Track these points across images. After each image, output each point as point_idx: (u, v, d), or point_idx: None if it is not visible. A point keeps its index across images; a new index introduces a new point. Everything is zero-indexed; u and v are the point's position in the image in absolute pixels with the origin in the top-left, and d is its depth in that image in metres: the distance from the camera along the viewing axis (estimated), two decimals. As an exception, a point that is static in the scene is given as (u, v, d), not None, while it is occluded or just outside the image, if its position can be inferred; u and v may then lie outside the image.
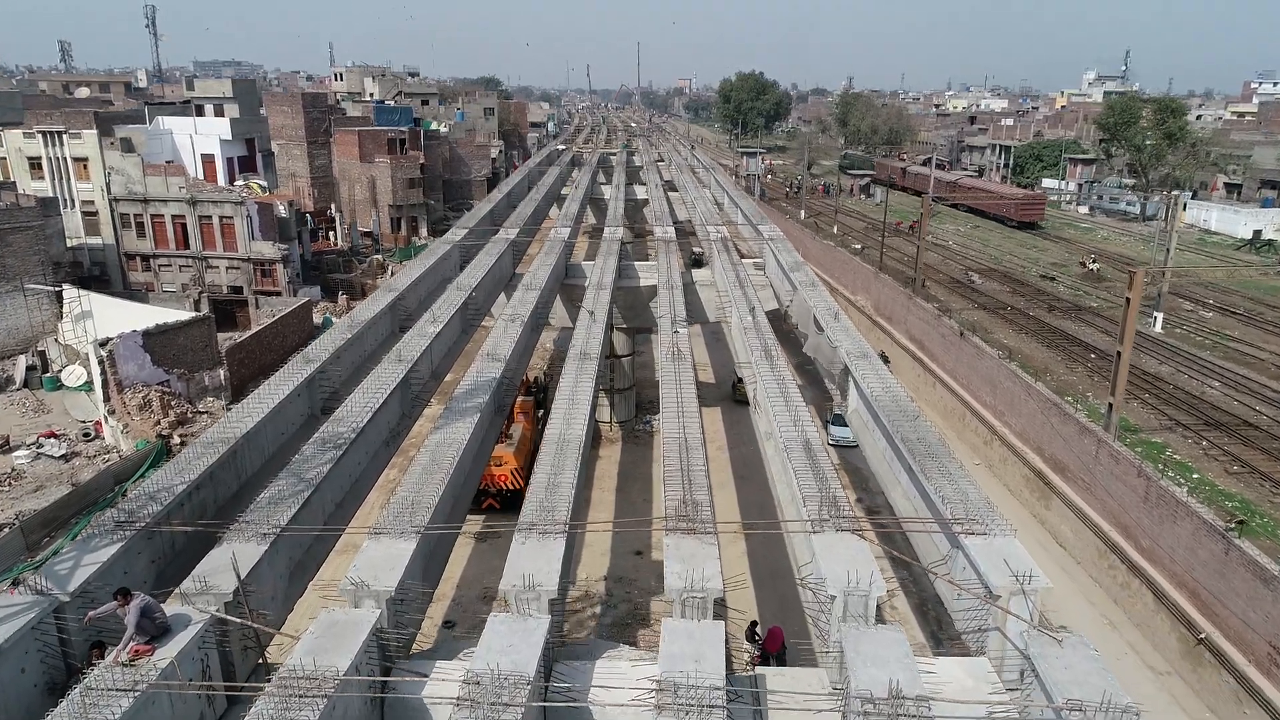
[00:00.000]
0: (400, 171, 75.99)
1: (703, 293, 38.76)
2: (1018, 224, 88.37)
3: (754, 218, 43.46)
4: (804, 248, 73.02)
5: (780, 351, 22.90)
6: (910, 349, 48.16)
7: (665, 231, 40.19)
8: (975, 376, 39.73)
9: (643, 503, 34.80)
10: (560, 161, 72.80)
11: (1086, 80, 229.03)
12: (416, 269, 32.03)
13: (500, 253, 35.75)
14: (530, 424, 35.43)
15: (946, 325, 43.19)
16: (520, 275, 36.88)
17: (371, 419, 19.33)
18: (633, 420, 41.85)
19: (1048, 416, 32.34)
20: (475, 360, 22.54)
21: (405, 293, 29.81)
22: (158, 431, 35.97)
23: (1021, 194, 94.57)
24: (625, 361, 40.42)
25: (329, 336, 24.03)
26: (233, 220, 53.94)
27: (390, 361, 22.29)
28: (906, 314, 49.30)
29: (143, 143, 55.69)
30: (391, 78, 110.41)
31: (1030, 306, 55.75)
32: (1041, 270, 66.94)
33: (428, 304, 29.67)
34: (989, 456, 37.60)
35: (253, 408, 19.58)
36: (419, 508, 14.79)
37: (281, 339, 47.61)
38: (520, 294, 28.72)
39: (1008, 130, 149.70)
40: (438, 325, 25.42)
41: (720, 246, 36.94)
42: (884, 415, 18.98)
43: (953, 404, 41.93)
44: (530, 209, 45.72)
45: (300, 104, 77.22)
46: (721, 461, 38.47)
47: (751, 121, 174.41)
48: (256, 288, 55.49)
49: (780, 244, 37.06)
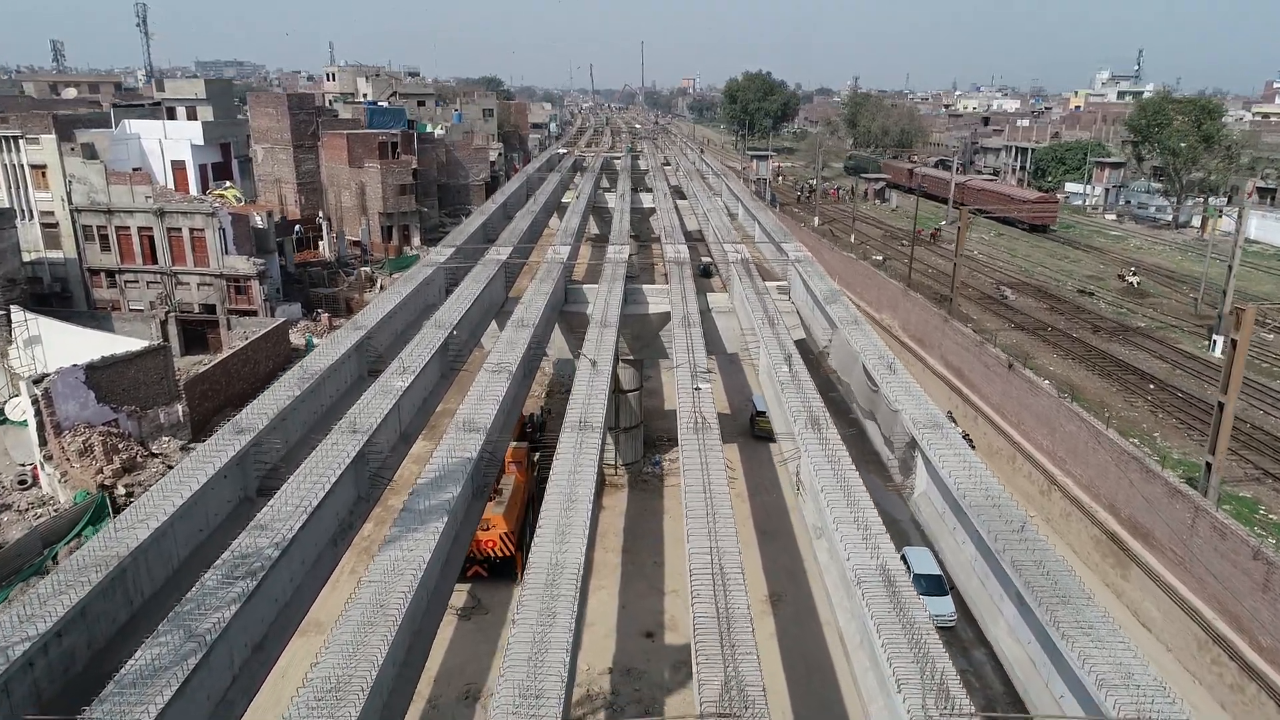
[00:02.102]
0: (391, 177, 71.50)
1: (720, 320, 34.28)
2: (1029, 227, 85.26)
3: (775, 234, 38.94)
4: (821, 259, 68.38)
5: (829, 420, 18.35)
6: (946, 376, 43.61)
7: (677, 251, 35.66)
8: (1028, 415, 35.16)
9: (653, 566, 30.29)
10: (561, 167, 68.32)
11: (1100, 80, 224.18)
12: (390, 299, 27.54)
13: (490, 277, 31.27)
14: (524, 474, 30.89)
15: (991, 354, 38.62)
16: (514, 300, 32.44)
17: (313, 514, 14.91)
18: (640, 461, 37.33)
19: (1124, 471, 27.77)
20: (449, 431, 18.02)
21: (375, 330, 25.34)
22: (100, 481, 31.51)
23: (1034, 196, 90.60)
24: (632, 397, 35.91)
25: (270, 396, 19.56)
26: (204, 233, 49.49)
27: (343, 432, 17.81)
28: (941, 337, 44.73)
29: (106, 148, 51.23)
30: (386, 78, 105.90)
31: (1072, 326, 51.16)
32: (1077, 284, 62.33)
33: (403, 341, 25.23)
34: (1047, 509, 33.03)
35: (162, 499, 15.21)
36: (346, 695, 10.30)
37: (252, 366, 43.17)
38: (509, 334, 24.21)
39: (1024, 132, 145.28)
40: (408, 376, 20.94)
41: (741, 270, 32.41)
42: (975, 517, 14.49)
43: (999, 443, 37.38)
44: (526, 223, 41.23)
45: (285, 105, 72.82)
46: (742, 513, 33.95)
47: (759, 123, 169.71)
48: (230, 306, 51.03)
49: (808, 266, 32.53)
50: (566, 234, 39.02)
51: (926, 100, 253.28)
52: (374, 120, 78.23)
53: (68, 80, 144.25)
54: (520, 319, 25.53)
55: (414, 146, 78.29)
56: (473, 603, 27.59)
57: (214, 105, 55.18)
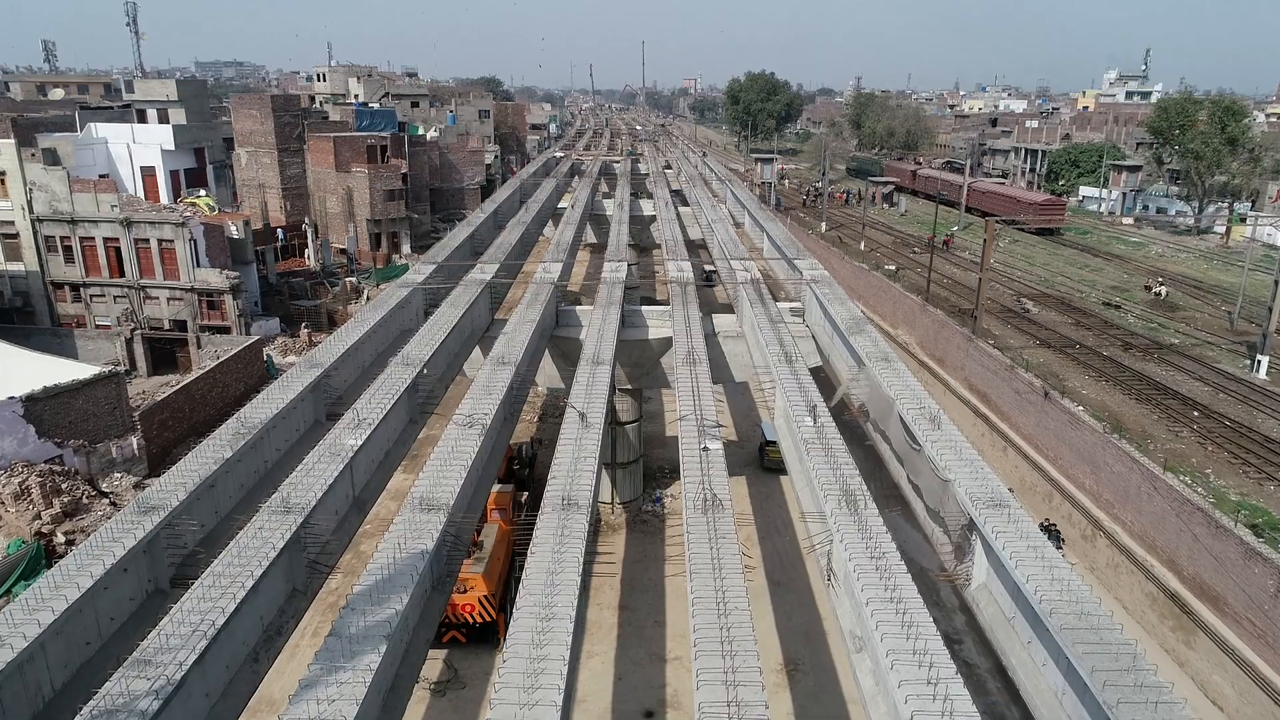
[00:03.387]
0: (379, 182, 68.28)
1: (727, 345, 31.05)
2: (1036, 230, 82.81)
3: (787, 248, 35.66)
4: (830, 267, 65.20)
5: (868, 496, 15.08)
6: (970, 400, 40.36)
7: (679, 268, 32.39)
8: (1067, 450, 31.90)
9: (654, 626, 27.04)
10: (557, 172, 65.06)
11: (1107, 80, 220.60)
12: (355, 329, 24.28)
13: (471, 301, 28.04)
14: (509, 523, 27.59)
15: (1023, 380, 35.36)
16: (500, 323, 29.22)
17: (224, 627, 11.74)
18: (640, 498, 34.09)
19: (1186, 523, 24.51)
20: (404, 509, 14.78)
21: (337, 365, 22.14)
22: (37, 529, 28.29)
23: (1041, 199, 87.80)
24: (630, 429, 32.66)
25: (194, 459, 16.31)
26: (173, 244, 46.27)
27: (273, 513, 14.57)
28: (965, 358, 41.47)
29: (70, 154, 48.01)
30: (378, 78, 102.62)
31: (1102, 344, 47.82)
32: (1101, 295, 58.99)
33: (369, 378, 22.03)
34: (1092, 558, 29.75)
35: (39, 604, 12.08)
36: None
37: (221, 389, 39.97)
38: (487, 374, 20.92)
39: (1033, 133, 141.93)
40: (363, 431, 17.70)
41: (751, 292, 29.13)
42: (1062, 636, 11.30)
43: (1033, 478, 34.12)
44: (516, 235, 37.99)
45: (269, 107, 69.63)
46: (753, 558, 30.69)
47: (761, 124, 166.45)
48: (202, 322, 47.81)
49: (826, 288, 29.27)
50: (559, 249, 35.78)
51: (931, 100, 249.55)
52: (362, 122, 75.02)
53: (55, 81, 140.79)
54: (501, 355, 22.25)
55: (404, 150, 75.11)
56: (448, 674, 24.38)
57: (187, 107, 51.88)
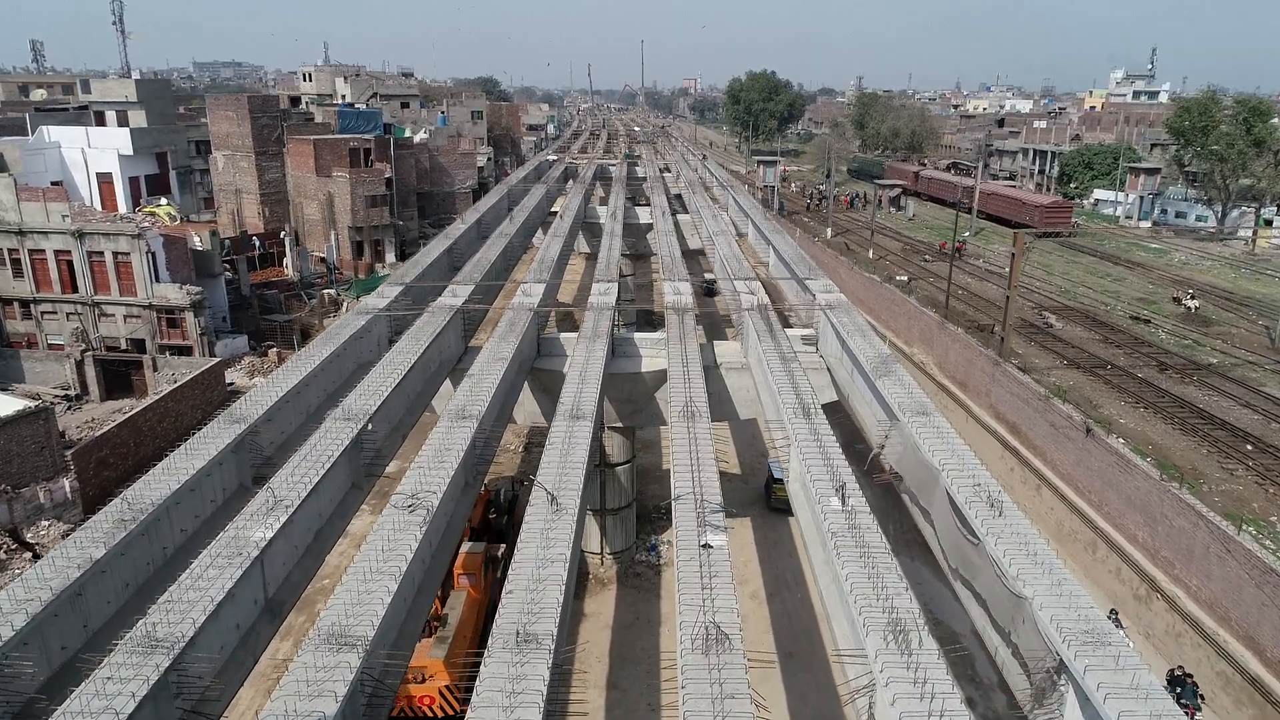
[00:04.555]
0: (361, 187, 64.67)
1: (731, 379, 27.48)
2: (1041, 234, 79.66)
3: (797, 265, 31.98)
4: (839, 279, 61.63)
5: (921, 625, 11.45)
6: (998, 431, 36.75)
7: (676, 291, 28.70)
8: (1113, 494, 28.29)
9: (647, 711, 23.41)
10: (549, 178, 61.42)
11: (1114, 80, 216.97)
12: (294, 373, 20.56)
13: (440, 330, 24.43)
14: (481, 591, 23.86)
15: (1060, 413, 31.75)
16: (476, 351, 25.58)
17: None
18: (632, 547, 30.44)
19: (1272, 597, 20.88)
20: (305, 647, 11.14)
21: (265, 420, 18.50)
22: (-60, 592, 24.65)
23: (1047, 202, 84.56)
24: (621, 471, 29.02)
25: (59, 556, 12.71)
26: (129, 257, 42.69)
27: (135, 651, 10.97)
28: (990, 383, 37.86)
29: (18, 159, 44.40)
30: (366, 78, 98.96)
31: (1134, 363, 44.18)
32: (1128, 307, 55.34)
33: (303, 435, 18.41)
34: (1148, 622, 26.13)
35: None
36: None
37: (175, 419, 36.38)
38: (441, 435, 17.19)
39: (1041, 134, 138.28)
40: (276, 519, 14.08)
41: (759, 320, 25.47)
42: None
43: (1073, 524, 30.51)
44: (497, 250, 34.37)
45: (246, 108, 66.03)
46: (759, 619, 27.08)
47: (763, 124, 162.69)
48: (162, 341, 44.23)
49: (844, 314, 25.62)
50: (543, 266, 32.16)
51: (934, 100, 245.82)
52: (345, 124, 71.40)
53: (39, 81, 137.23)
54: (462, 407, 18.56)
55: (390, 153, 71.48)
56: (404, 776, 20.78)
57: (148, 109, 48.22)
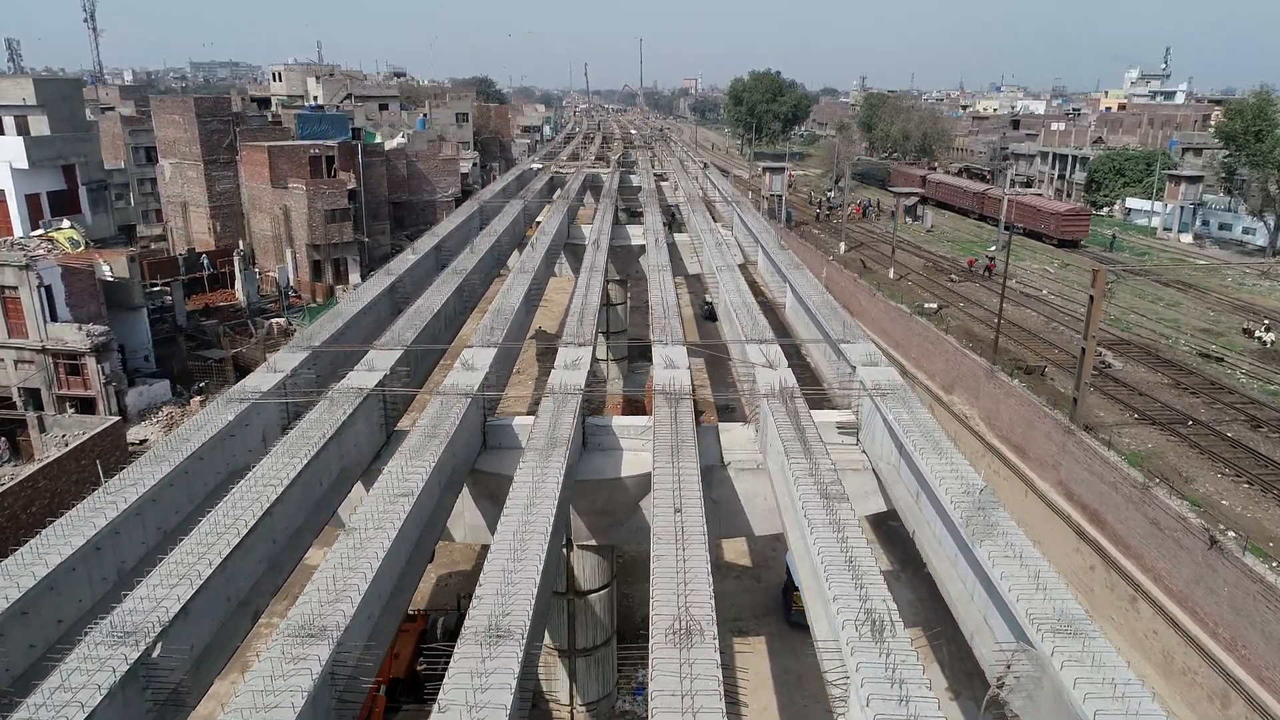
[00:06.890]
0: (321, 200, 57.55)
1: (742, 483, 20.39)
2: (1058, 242, 75.33)
3: (828, 320, 24.66)
4: (857, 305, 54.51)
5: None
6: (1072, 517, 29.59)
7: (669, 362, 21.41)
8: (1255, 633, 21.15)
9: None
10: (530, 191, 54.29)
11: (1128, 79, 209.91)
12: (88, 517, 13.44)
13: (341, 424, 17.28)
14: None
15: (1167, 509, 24.58)
16: (396, 442, 18.39)
17: None
18: (612, 694, 23.27)
19: None
20: None
21: (34, 598, 11.37)
22: None
23: (1064, 209, 78.34)
24: (597, 600, 21.84)
25: None
26: (17, 292, 35.65)
27: None
28: (1060, 454, 30.68)
29: (-112, 175, 37.38)
30: (341, 77, 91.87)
31: (1219, 417, 37.10)
32: (1192, 341, 48.23)
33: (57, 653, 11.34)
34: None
35: None
36: None
37: (50, 498, 29.32)
38: (298, 631, 10.10)
39: (1060, 136, 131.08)
40: None
41: (780, 407, 18.29)
42: None
43: (1187, 660, 23.37)
44: (442, 298, 27.23)
45: (193, 111, 59.00)
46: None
47: (766, 126, 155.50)
48: (60, 391, 37.18)
49: (897, 403, 18.46)
50: (501, 318, 25.00)
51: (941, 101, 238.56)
52: (306, 129, 64.28)
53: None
54: (341, 562, 11.40)
55: (357, 161, 64.37)
56: None
57: (52, 114, 41.20)
